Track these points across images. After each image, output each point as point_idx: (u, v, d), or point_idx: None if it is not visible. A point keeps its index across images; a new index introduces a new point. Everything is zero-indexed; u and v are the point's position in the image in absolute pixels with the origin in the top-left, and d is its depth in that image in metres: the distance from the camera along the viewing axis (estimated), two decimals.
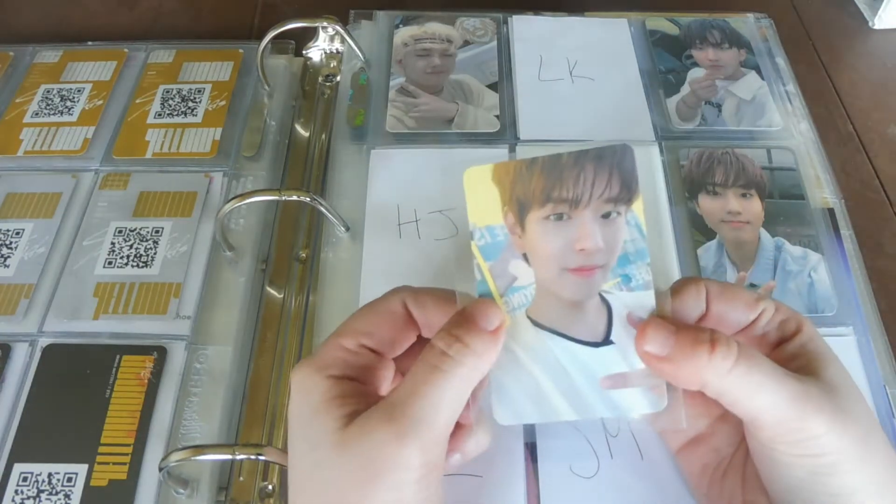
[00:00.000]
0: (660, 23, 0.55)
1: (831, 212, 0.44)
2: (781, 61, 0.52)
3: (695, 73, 0.51)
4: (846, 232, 0.43)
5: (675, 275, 0.41)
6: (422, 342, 0.30)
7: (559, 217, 0.29)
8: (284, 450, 0.35)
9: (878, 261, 0.45)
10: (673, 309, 0.28)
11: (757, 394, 0.25)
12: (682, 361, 0.26)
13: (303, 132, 0.52)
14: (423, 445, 0.25)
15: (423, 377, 0.26)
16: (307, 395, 0.27)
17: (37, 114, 0.51)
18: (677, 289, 0.29)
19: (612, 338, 0.28)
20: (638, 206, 0.29)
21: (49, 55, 0.54)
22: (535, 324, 0.29)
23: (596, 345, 0.28)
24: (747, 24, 0.55)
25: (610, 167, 0.29)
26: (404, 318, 0.29)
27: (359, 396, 0.27)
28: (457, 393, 0.26)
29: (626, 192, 0.29)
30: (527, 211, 0.29)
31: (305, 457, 0.26)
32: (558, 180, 0.29)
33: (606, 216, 0.29)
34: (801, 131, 0.48)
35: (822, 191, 0.45)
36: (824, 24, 0.59)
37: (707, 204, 0.44)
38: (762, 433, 0.26)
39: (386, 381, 0.30)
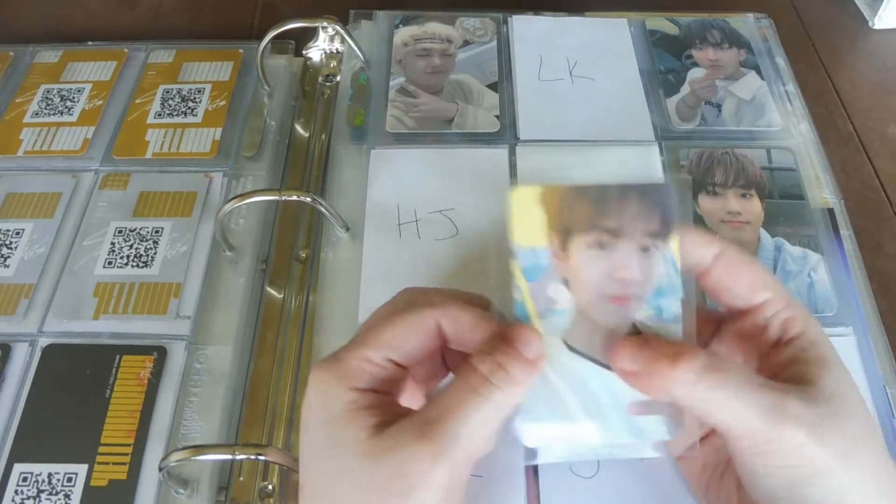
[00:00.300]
0: (660, 23, 0.55)
1: (831, 212, 0.44)
2: (781, 61, 0.52)
3: (695, 73, 0.51)
4: (846, 232, 0.43)
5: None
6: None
7: (602, 245, 0.29)
8: (284, 450, 0.35)
9: (878, 261, 0.45)
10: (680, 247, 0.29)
11: (725, 405, 0.25)
12: (648, 375, 0.27)
13: (303, 132, 0.52)
14: (453, 466, 0.25)
15: (463, 398, 0.26)
16: (329, 402, 0.26)
17: (37, 114, 0.51)
18: (688, 230, 0.29)
19: None
20: (674, 244, 0.29)
21: (49, 55, 0.54)
22: (570, 348, 0.29)
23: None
24: (747, 24, 0.55)
25: (652, 203, 0.30)
26: (435, 333, 0.28)
27: (384, 407, 0.27)
28: (493, 418, 0.26)
29: (665, 228, 0.29)
30: (571, 236, 0.29)
31: (327, 462, 0.26)
32: (604, 210, 0.29)
33: (645, 249, 0.29)
34: (800, 131, 0.48)
35: (821, 191, 0.45)
36: (824, 24, 0.59)
37: (707, 204, 0.44)
38: (738, 444, 0.26)
39: (406, 392, 0.29)
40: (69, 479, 0.36)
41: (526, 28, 0.54)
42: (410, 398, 0.30)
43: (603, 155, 0.46)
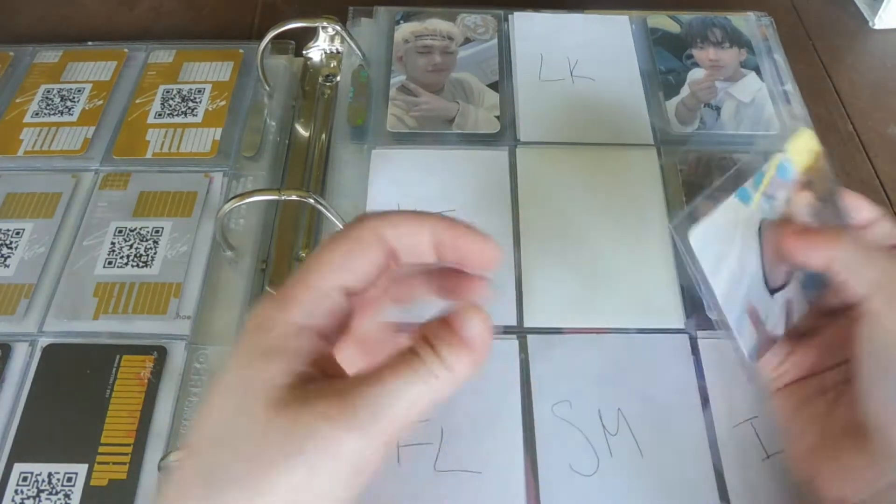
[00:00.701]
0: (661, 20, 0.54)
1: None
2: (780, 59, 0.52)
3: (695, 74, 0.51)
4: None
5: (675, 274, 0.41)
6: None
7: (815, 211, 0.34)
8: None
9: None
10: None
11: (866, 263, 0.30)
12: (819, 239, 0.31)
13: (303, 132, 0.52)
14: (368, 444, 0.22)
15: (397, 376, 0.23)
16: (259, 337, 0.24)
17: (37, 114, 0.51)
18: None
19: (776, 297, 0.33)
20: None
21: (49, 55, 0.54)
22: (759, 233, 0.34)
23: (768, 288, 0.33)
24: (748, 21, 0.55)
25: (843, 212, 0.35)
26: (383, 248, 0.26)
27: (317, 358, 0.24)
28: (423, 403, 0.24)
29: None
30: (807, 189, 0.34)
31: (232, 398, 0.23)
32: (825, 204, 0.35)
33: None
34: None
35: None
36: (824, 24, 0.59)
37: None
38: (872, 304, 0.29)
39: (346, 343, 0.27)
40: (69, 479, 0.36)
41: (527, 25, 0.54)
42: (348, 354, 0.27)
43: (601, 159, 0.46)
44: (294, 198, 0.40)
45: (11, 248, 0.44)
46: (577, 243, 0.42)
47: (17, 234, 0.45)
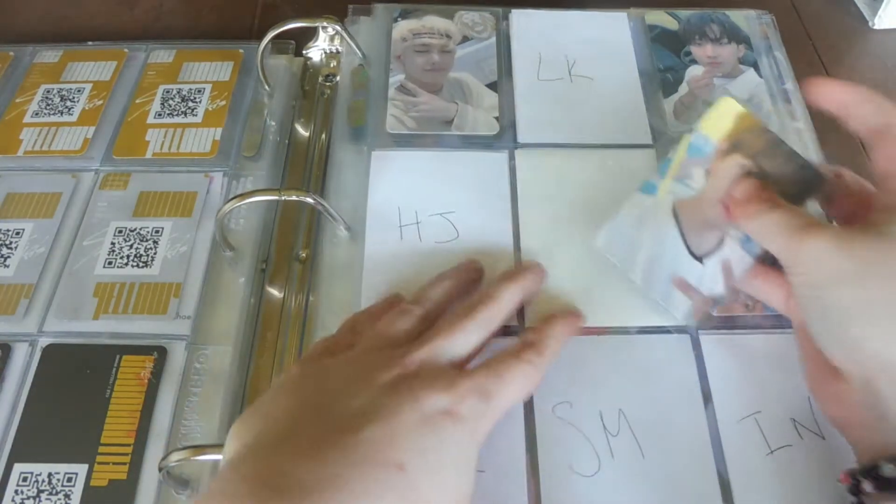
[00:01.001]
0: (660, 17, 0.54)
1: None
2: (781, 56, 0.52)
3: (693, 71, 0.51)
4: None
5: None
6: None
7: (749, 173, 0.36)
8: None
9: None
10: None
11: (770, 231, 0.33)
12: (743, 205, 0.34)
13: (303, 132, 0.52)
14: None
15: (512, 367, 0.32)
16: None
17: (37, 114, 0.51)
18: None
19: (706, 262, 0.37)
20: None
21: (49, 55, 0.54)
22: (674, 213, 0.38)
23: (694, 257, 0.37)
24: (747, 17, 0.54)
25: (802, 180, 0.36)
26: None
27: None
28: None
29: (797, 200, 0.35)
30: (736, 150, 0.37)
31: None
32: (768, 157, 0.36)
33: None
34: (797, 129, 0.48)
35: None
36: (824, 24, 0.59)
37: None
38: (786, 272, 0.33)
39: None
40: (69, 479, 0.36)
41: (525, 23, 0.53)
42: None
43: (600, 160, 0.46)
44: (294, 198, 0.40)
45: (11, 248, 0.44)
46: (577, 244, 0.42)
47: (17, 234, 0.45)
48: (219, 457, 0.35)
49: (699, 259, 0.37)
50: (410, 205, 0.44)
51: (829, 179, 0.35)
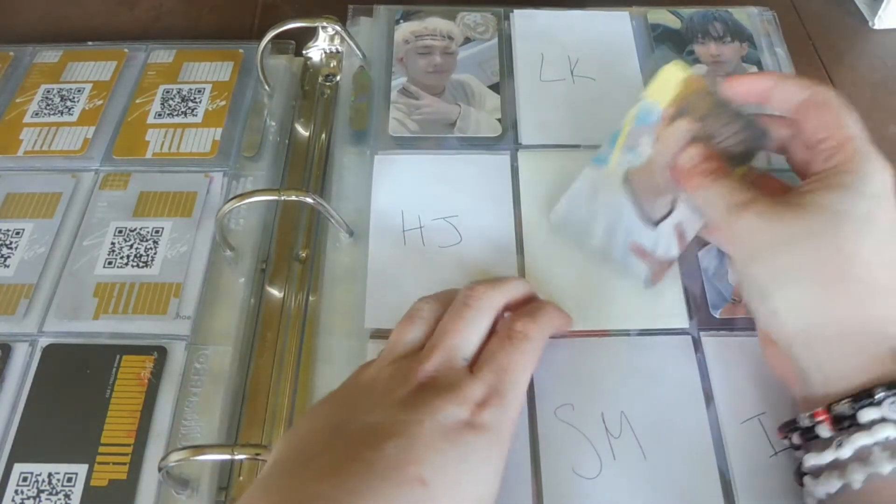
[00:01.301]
0: (662, 15, 0.54)
1: None
2: (782, 53, 0.52)
3: (696, 71, 0.51)
4: None
5: (678, 274, 0.41)
6: None
7: (695, 137, 0.37)
8: None
9: None
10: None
11: (714, 204, 0.34)
12: (690, 174, 0.36)
13: (303, 132, 0.52)
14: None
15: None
16: None
17: (37, 114, 0.50)
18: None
19: (660, 227, 0.39)
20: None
21: (49, 55, 0.54)
22: (625, 182, 0.39)
23: (647, 223, 0.39)
24: (750, 15, 0.54)
25: (749, 136, 0.37)
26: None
27: None
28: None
29: (746, 157, 0.37)
30: (683, 115, 0.38)
31: None
32: (714, 117, 0.37)
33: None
34: None
35: None
36: (824, 24, 0.59)
37: None
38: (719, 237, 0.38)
39: None
40: (69, 479, 0.36)
41: (527, 23, 0.53)
42: None
43: None
44: (294, 198, 0.40)
45: (11, 249, 0.44)
46: (580, 249, 0.42)
47: (17, 234, 0.45)
48: (218, 457, 0.35)
49: (653, 224, 0.39)
50: (413, 209, 0.44)
51: (770, 131, 0.37)
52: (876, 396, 0.28)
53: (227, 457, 0.34)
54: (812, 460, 0.30)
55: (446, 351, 0.31)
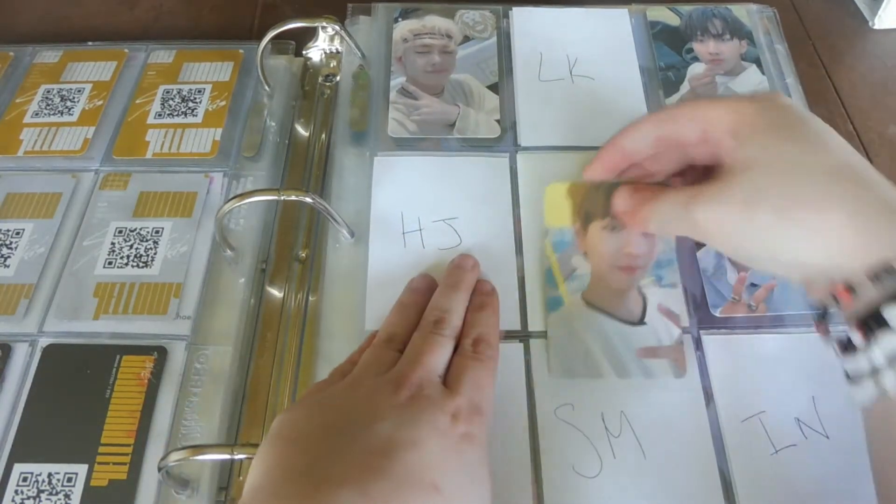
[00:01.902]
0: (661, 13, 0.54)
1: None
2: (782, 50, 0.52)
3: (695, 69, 0.51)
4: None
5: (677, 281, 0.41)
6: None
7: (614, 228, 0.39)
8: None
9: None
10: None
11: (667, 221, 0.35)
12: (634, 213, 0.37)
13: (302, 132, 0.52)
14: None
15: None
16: None
17: (37, 114, 0.51)
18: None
19: (647, 320, 0.38)
20: None
21: (49, 55, 0.54)
22: (589, 304, 0.39)
23: (633, 324, 0.38)
24: (750, 12, 0.54)
25: None
26: None
27: None
28: None
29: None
30: (590, 220, 0.40)
31: None
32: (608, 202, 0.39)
33: (647, 233, 0.39)
34: None
35: None
36: (824, 24, 0.59)
37: None
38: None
39: None
40: (69, 479, 0.36)
41: (526, 21, 0.53)
42: None
43: None
44: (293, 198, 0.40)
45: (11, 249, 0.44)
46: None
47: (17, 234, 0.45)
48: (218, 456, 0.35)
49: (640, 323, 0.38)
50: (413, 211, 0.44)
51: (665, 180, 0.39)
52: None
53: (227, 457, 0.34)
54: (848, 364, 0.29)
55: (425, 367, 0.32)
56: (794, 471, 0.35)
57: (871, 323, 0.27)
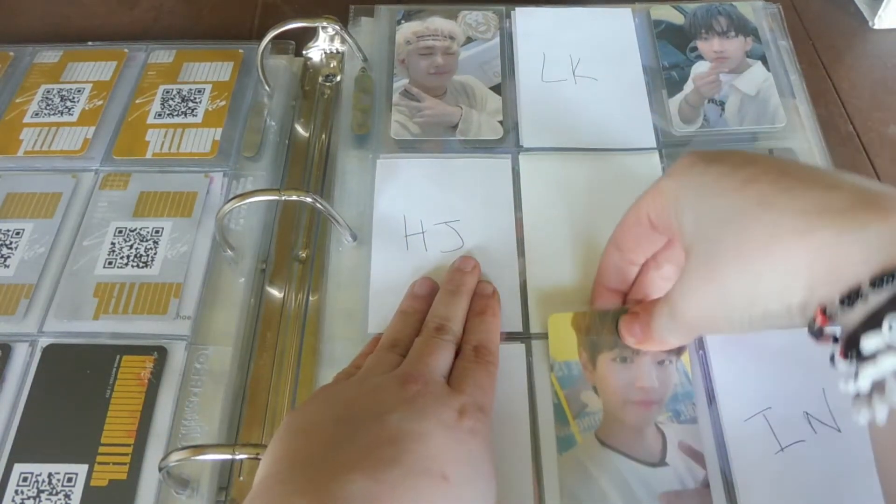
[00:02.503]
0: (665, 11, 0.53)
1: None
2: (786, 45, 0.52)
3: (699, 68, 0.50)
4: None
5: None
6: None
7: (624, 360, 0.37)
8: None
9: None
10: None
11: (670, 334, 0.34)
12: (647, 342, 0.35)
13: (303, 132, 0.52)
14: None
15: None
16: None
17: (37, 114, 0.50)
18: None
19: (668, 460, 0.35)
20: (685, 359, 0.37)
21: (49, 55, 0.54)
22: (603, 443, 0.35)
23: (653, 465, 0.35)
24: (755, 9, 0.53)
25: None
26: None
27: None
28: None
29: (677, 348, 0.37)
30: (598, 352, 0.37)
31: None
32: (612, 330, 0.37)
33: (661, 363, 0.37)
34: (803, 125, 0.48)
35: None
36: (824, 23, 0.59)
37: None
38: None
39: None
40: (69, 480, 0.36)
41: (529, 22, 0.53)
42: None
43: (603, 164, 0.46)
44: (294, 198, 0.40)
45: (11, 249, 0.44)
46: (581, 250, 0.42)
47: (17, 234, 0.45)
48: (219, 457, 0.35)
49: (661, 463, 0.35)
50: (415, 214, 0.44)
51: None
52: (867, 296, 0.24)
53: (228, 457, 0.34)
54: (841, 386, 0.28)
55: (429, 367, 0.33)
56: (800, 468, 0.34)
57: (853, 352, 0.26)
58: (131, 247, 0.44)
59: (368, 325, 0.40)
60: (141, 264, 0.43)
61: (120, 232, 0.44)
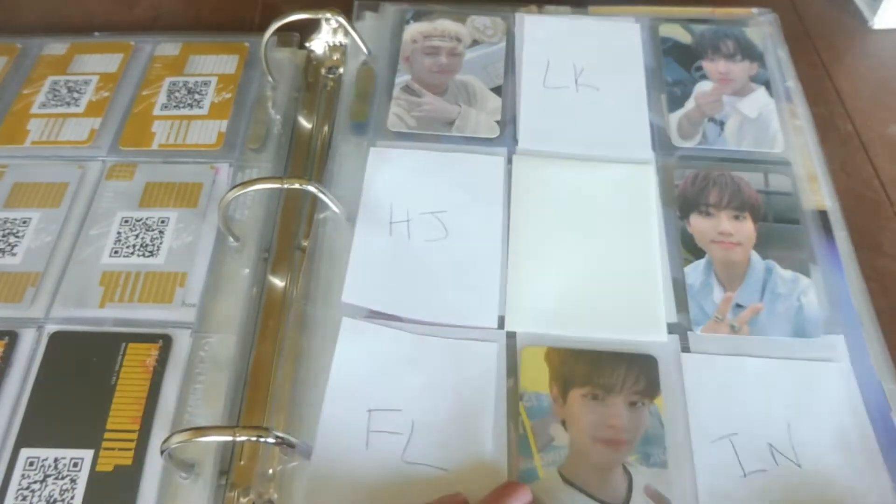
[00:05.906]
0: (673, 29, 0.53)
1: (824, 214, 0.44)
2: (783, 55, 0.52)
3: (702, 87, 0.50)
4: (841, 233, 0.44)
5: (660, 289, 0.41)
6: None
7: (596, 397, 0.36)
8: (283, 433, 0.35)
9: (877, 261, 0.45)
10: None
11: None
12: None
13: (305, 123, 0.52)
14: None
15: None
16: None
17: (44, 105, 0.51)
18: None
19: None
20: (659, 401, 0.36)
21: (56, 47, 0.55)
22: (566, 481, 0.34)
23: None
24: (763, 35, 0.53)
25: (639, 370, 0.37)
26: None
27: None
28: None
29: (651, 390, 0.37)
30: (570, 388, 0.36)
31: None
32: (598, 370, 0.37)
33: (633, 404, 0.36)
34: (797, 127, 0.48)
35: (817, 195, 0.45)
36: (824, 24, 0.59)
37: (698, 224, 0.44)
38: None
39: None
40: (75, 464, 0.37)
41: (536, 28, 0.53)
42: None
43: (598, 173, 0.46)
44: (296, 185, 0.41)
45: (19, 237, 0.44)
46: (565, 254, 0.42)
47: (25, 223, 0.45)
48: (220, 438, 0.35)
49: None
50: (403, 202, 0.44)
51: None
52: None
53: (229, 438, 0.34)
54: None
55: None
56: (762, 496, 0.34)
57: None
58: (137, 236, 0.44)
59: (343, 294, 0.41)
60: (147, 253, 0.44)
61: (126, 221, 0.45)
